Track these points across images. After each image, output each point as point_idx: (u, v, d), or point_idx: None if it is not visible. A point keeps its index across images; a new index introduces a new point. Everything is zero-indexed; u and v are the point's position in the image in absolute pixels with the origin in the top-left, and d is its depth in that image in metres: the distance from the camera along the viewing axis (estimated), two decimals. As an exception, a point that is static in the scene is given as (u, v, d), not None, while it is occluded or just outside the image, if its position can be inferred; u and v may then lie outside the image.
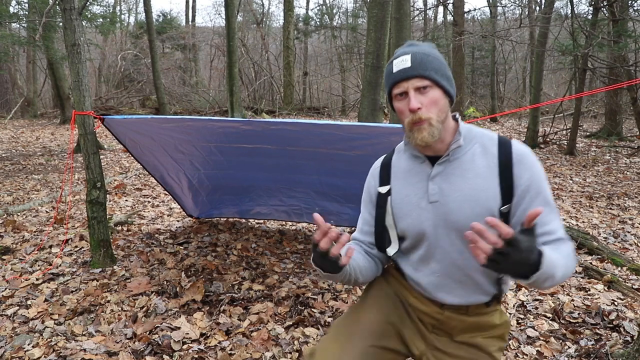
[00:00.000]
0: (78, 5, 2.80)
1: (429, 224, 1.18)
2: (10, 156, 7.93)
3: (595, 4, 7.81)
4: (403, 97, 1.14)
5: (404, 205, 1.23)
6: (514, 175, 1.13)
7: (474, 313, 1.22)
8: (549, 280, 0.99)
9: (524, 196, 1.12)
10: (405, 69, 1.13)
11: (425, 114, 1.11)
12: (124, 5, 24.01)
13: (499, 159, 1.15)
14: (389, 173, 1.30)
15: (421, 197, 1.20)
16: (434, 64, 1.14)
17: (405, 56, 1.14)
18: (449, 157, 1.18)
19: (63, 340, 2.09)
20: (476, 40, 16.39)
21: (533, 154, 1.17)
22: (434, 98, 1.12)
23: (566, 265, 1.05)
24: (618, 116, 9.95)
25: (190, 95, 17.11)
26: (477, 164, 1.16)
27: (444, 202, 1.16)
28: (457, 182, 1.16)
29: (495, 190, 1.13)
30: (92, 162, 2.85)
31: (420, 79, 1.12)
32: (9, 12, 10.17)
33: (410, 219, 1.21)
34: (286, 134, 2.63)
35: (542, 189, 1.13)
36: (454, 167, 1.18)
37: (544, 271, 0.94)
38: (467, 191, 1.14)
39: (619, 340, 2.18)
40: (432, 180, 1.18)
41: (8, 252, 3.19)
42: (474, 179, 1.15)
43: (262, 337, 2.16)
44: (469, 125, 1.23)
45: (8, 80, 15.80)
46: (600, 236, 3.88)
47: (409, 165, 1.26)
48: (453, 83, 1.18)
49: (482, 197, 1.13)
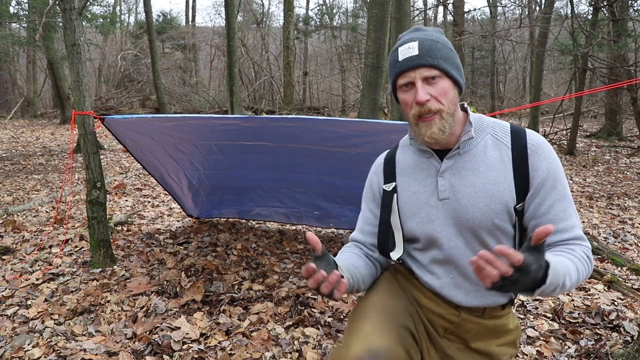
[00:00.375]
0: (78, 5, 2.80)
1: (439, 222, 1.10)
2: (10, 156, 7.93)
3: (595, 4, 7.80)
4: (409, 87, 1.05)
5: (412, 203, 1.14)
6: (529, 167, 1.05)
7: (490, 316, 1.14)
8: (557, 290, 0.93)
9: (539, 189, 1.04)
10: (412, 57, 1.03)
11: (435, 106, 1.03)
12: (124, 5, 24.03)
13: (513, 150, 1.07)
14: (394, 169, 1.21)
15: (430, 194, 1.12)
16: (443, 51, 1.05)
17: (412, 43, 1.04)
18: (459, 150, 1.09)
19: (63, 340, 2.09)
20: (476, 40, 16.39)
21: (548, 144, 1.08)
22: (443, 89, 1.03)
23: (578, 270, 0.98)
24: (618, 116, 9.96)
25: (190, 95, 17.11)
26: (490, 157, 1.08)
27: (455, 199, 1.08)
28: (468, 177, 1.07)
29: (510, 184, 1.05)
30: (92, 162, 2.85)
31: (428, 69, 1.02)
32: (9, 13, 10.17)
33: (419, 217, 1.13)
34: (286, 130, 2.63)
35: (558, 182, 1.05)
36: (464, 161, 1.09)
37: (550, 283, 0.88)
38: (480, 186, 1.06)
39: (619, 340, 2.18)
40: (442, 176, 1.10)
41: (8, 252, 3.19)
42: (486, 172, 1.06)
43: (262, 337, 2.16)
44: (479, 114, 1.14)
45: (8, 80, 15.80)
46: (600, 236, 3.88)
47: (415, 160, 1.17)
48: (462, 72, 1.10)
49: (496, 192, 1.05)
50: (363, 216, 1.28)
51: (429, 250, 1.14)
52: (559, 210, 1.04)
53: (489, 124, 1.12)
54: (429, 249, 1.14)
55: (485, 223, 1.06)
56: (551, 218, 1.04)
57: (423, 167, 1.15)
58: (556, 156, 1.07)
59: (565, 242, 1.04)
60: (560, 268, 0.91)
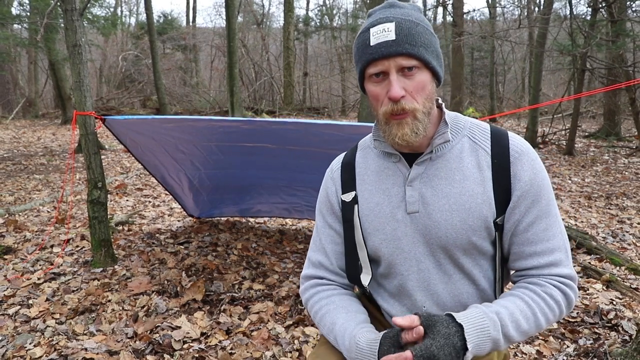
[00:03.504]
0: (79, 6, 2.82)
1: (407, 240, 0.93)
2: (11, 156, 7.95)
3: (594, 4, 7.82)
4: (380, 78, 0.87)
5: (374, 217, 0.96)
6: (511, 176, 0.90)
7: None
8: (507, 340, 0.81)
9: (519, 202, 0.90)
10: (388, 42, 0.84)
11: (410, 105, 0.86)
12: (124, 6, 24.06)
13: (493, 157, 0.92)
14: (354, 175, 1.02)
15: (396, 206, 0.94)
16: (424, 36, 0.86)
17: (388, 24, 0.85)
18: (432, 154, 0.93)
19: (64, 339, 2.10)
20: (475, 40, 16.41)
21: (534, 151, 0.94)
22: (421, 83, 0.86)
23: (535, 315, 0.84)
24: (616, 116, 9.98)
25: (191, 95, 17.14)
26: (466, 163, 0.92)
27: (426, 212, 0.92)
28: (441, 187, 0.92)
29: (489, 195, 0.90)
30: (93, 162, 2.87)
31: (406, 58, 0.84)
32: (11, 14, 10.20)
33: (382, 234, 0.95)
34: (287, 133, 2.65)
35: (542, 196, 0.90)
36: (437, 168, 0.93)
37: (477, 344, 0.77)
38: (455, 198, 0.90)
39: (617, 339, 2.19)
40: (410, 185, 0.93)
41: (10, 252, 3.20)
42: (462, 182, 0.91)
43: (262, 337, 2.18)
44: (454, 113, 0.98)
45: (10, 81, 15.82)
46: (598, 236, 3.89)
47: (379, 165, 0.99)
48: (442, 60, 0.93)
49: (473, 205, 0.90)
50: (321, 233, 1.05)
51: (393, 275, 0.97)
52: (539, 230, 0.89)
53: (466, 125, 0.96)
54: (394, 274, 0.97)
55: (461, 241, 0.91)
56: (529, 237, 0.90)
57: (388, 173, 0.97)
58: (542, 166, 0.93)
59: (539, 269, 0.89)
60: (487, 324, 0.79)
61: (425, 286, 0.94)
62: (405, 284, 0.96)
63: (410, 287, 0.95)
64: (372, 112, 0.93)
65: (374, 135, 1.00)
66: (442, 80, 0.94)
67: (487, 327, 0.80)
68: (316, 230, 1.07)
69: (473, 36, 13.56)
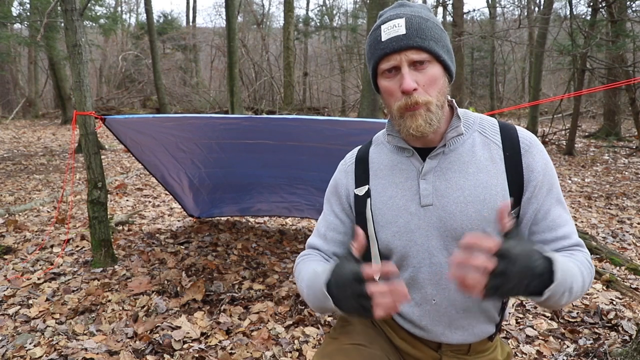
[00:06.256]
0: (79, 6, 2.82)
1: (420, 233, 0.94)
2: (12, 156, 7.94)
3: (594, 4, 7.83)
4: (393, 74, 0.89)
5: (387, 210, 0.97)
6: (523, 168, 0.92)
7: (477, 351, 1.00)
8: (565, 295, 0.79)
9: (536, 192, 0.92)
10: (399, 36, 0.86)
11: (423, 97, 0.87)
12: (124, 6, 24.06)
13: (504, 150, 0.94)
14: (367, 170, 1.03)
15: (410, 199, 0.95)
16: (434, 31, 0.89)
17: (398, 20, 0.88)
18: (445, 148, 0.95)
19: (64, 339, 2.10)
20: (475, 40, 16.41)
21: (539, 141, 0.97)
22: (433, 76, 0.88)
23: (583, 275, 0.85)
24: (616, 116, 9.99)
25: (191, 95, 17.13)
26: (479, 156, 0.94)
27: (440, 205, 0.92)
28: (455, 180, 0.93)
29: (503, 187, 0.92)
30: (93, 162, 2.87)
31: (417, 51, 0.86)
32: (12, 14, 10.20)
33: (395, 227, 0.96)
34: (287, 129, 2.65)
35: (554, 184, 0.94)
36: (450, 161, 0.94)
37: (559, 283, 0.74)
38: (470, 190, 0.91)
39: (617, 339, 2.19)
40: (424, 178, 0.95)
41: (10, 252, 3.20)
42: (476, 174, 0.92)
43: (262, 337, 2.18)
44: (463, 109, 1.00)
45: (10, 81, 15.82)
46: (598, 236, 3.89)
47: (392, 159, 1.01)
48: (453, 56, 0.95)
49: (488, 197, 0.91)
50: (326, 220, 1.08)
51: (406, 267, 0.97)
52: (555, 216, 0.92)
53: (476, 120, 0.98)
54: (406, 266, 0.97)
55: (475, 232, 0.91)
56: (548, 224, 0.93)
57: (402, 167, 0.98)
58: (548, 155, 0.97)
59: (566, 249, 0.93)
60: (569, 267, 0.79)
61: (437, 280, 0.95)
62: (417, 277, 0.96)
63: (421, 280, 0.96)
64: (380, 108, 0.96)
65: (387, 130, 1.02)
66: (454, 76, 0.95)
67: (575, 272, 0.81)
68: (322, 217, 1.10)
69: (473, 36, 13.56)
